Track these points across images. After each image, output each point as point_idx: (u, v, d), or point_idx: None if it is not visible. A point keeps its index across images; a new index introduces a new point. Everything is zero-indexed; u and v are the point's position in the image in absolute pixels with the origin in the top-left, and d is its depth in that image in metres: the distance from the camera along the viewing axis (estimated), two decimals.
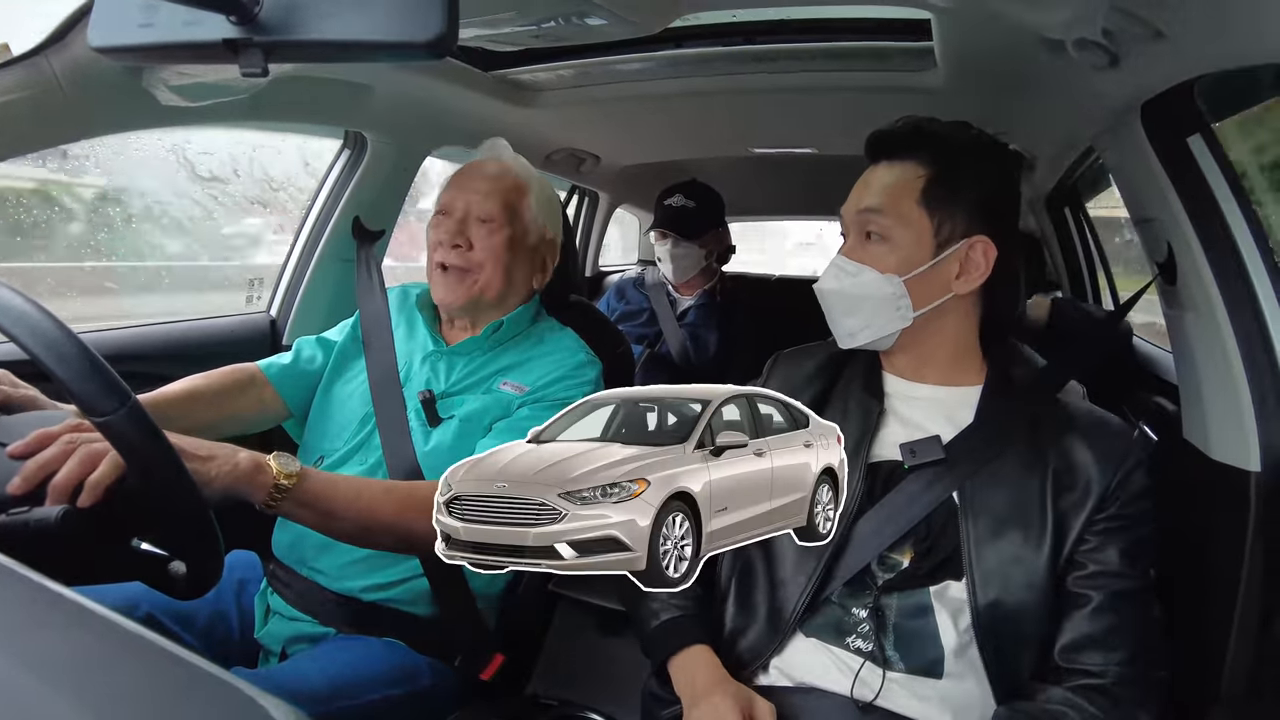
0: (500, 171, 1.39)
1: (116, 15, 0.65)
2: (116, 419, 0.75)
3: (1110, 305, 2.50)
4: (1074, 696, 0.97)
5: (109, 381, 0.74)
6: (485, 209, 1.36)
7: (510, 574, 1.43)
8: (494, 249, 1.35)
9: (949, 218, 1.06)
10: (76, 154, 2.03)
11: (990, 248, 1.06)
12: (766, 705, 0.99)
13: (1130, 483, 1.01)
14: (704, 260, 2.56)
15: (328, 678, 1.17)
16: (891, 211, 1.07)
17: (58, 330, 0.74)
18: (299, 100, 1.57)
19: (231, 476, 0.96)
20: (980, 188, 1.07)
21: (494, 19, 1.18)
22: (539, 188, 1.42)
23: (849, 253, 1.10)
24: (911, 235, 1.06)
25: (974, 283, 1.07)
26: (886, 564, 1.04)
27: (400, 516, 1.13)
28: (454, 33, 0.58)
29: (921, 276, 1.06)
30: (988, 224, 1.07)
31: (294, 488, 1.02)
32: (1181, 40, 0.95)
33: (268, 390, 1.42)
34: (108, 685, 0.42)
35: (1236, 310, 1.09)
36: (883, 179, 1.10)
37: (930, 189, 1.06)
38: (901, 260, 1.06)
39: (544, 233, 1.42)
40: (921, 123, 1.10)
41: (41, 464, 0.82)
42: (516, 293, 1.42)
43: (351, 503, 1.10)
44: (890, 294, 1.06)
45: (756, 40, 1.67)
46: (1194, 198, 1.12)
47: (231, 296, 2.22)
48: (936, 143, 1.08)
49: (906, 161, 1.08)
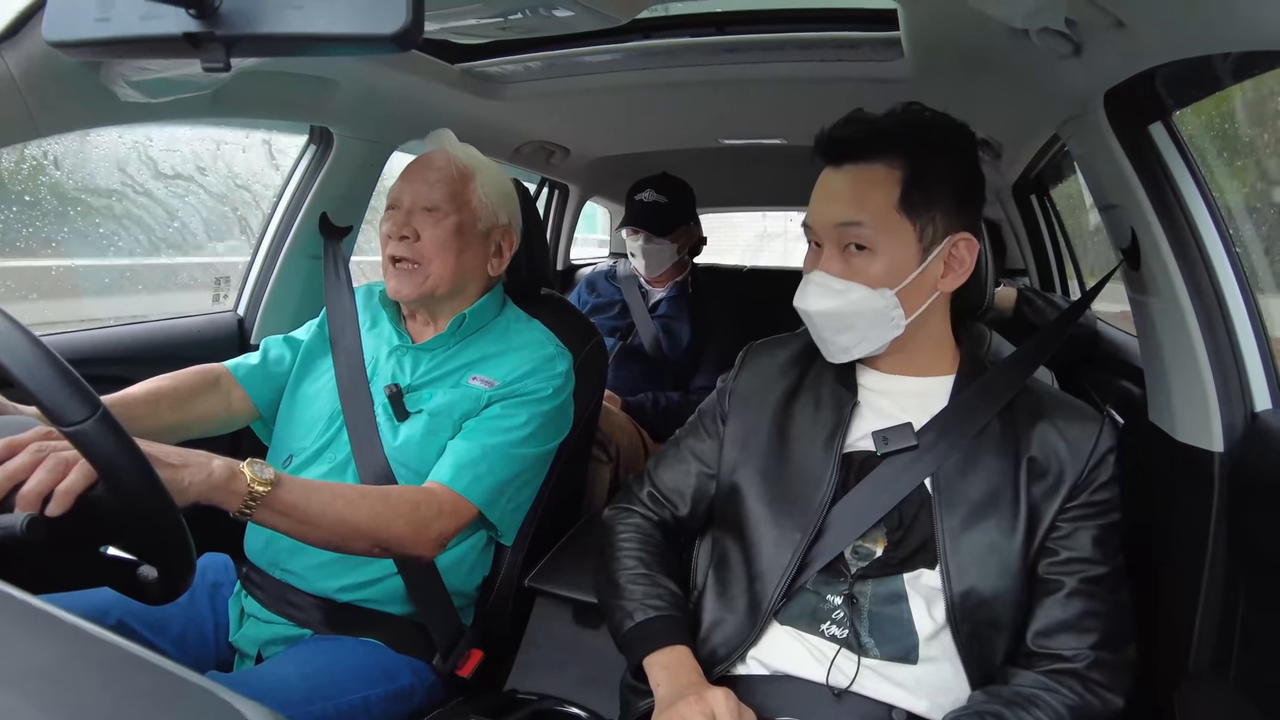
0: (445, 161, 1.39)
1: (73, 9, 0.64)
2: (86, 428, 0.73)
3: (1076, 293, 2.55)
4: (1047, 680, 0.98)
5: (78, 390, 0.72)
6: (430, 199, 1.36)
7: (486, 570, 1.43)
8: (440, 238, 1.35)
9: (930, 220, 1.03)
10: (34, 152, 1.98)
11: (972, 243, 1.06)
12: (734, 710, 0.94)
13: (1101, 471, 1.03)
14: (676, 254, 2.56)
15: (305, 679, 1.16)
16: (874, 223, 1.03)
17: (22, 337, 0.72)
18: (262, 95, 1.55)
19: (206, 484, 0.95)
20: (952, 180, 1.05)
21: (460, 10, 1.17)
22: (486, 174, 1.41)
23: (830, 268, 1.06)
24: (897, 244, 1.03)
25: (960, 280, 1.07)
26: (860, 553, 1.05)
27: (375, 521, 1.13)
28: (419, 25, 0.57)
29: (911, 284, 1.04)
30: (964, 216, 1.06)
31: (268, 495, 1.01)
32: (1142, 29, 0.96)
33: (236, 391, 1.41)
34: (80, 694, 0.42)
35: (1198, 294, 1.11)
36: (855, 187, 1.04)
37: (908, 194, 1.02)
38: (889, 271, 1.03)
39: (496, 218, 1.41)
40: (880, 122, 1.05)
41: (9, 473, 0.80)
42: (473, 281, 1.41)
43: (326, 508, 1.09)
44: (883, 307, 1.04)
45: (725, 30, 1.67)
46: (1156, 184, 1.14)
47: (198, 296, 2.19)
48: (903, 141, 1.04)
49: (874, 165, 1.04)
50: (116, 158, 2.20)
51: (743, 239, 7.90)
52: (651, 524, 1.21)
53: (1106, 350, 1.98)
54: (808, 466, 1.09)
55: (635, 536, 1.19)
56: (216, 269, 2.58)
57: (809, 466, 1.09)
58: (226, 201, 2.64)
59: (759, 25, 1.66)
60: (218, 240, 2.77)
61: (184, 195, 2.57)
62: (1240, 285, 1.12)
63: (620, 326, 2.60)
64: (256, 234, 1.93)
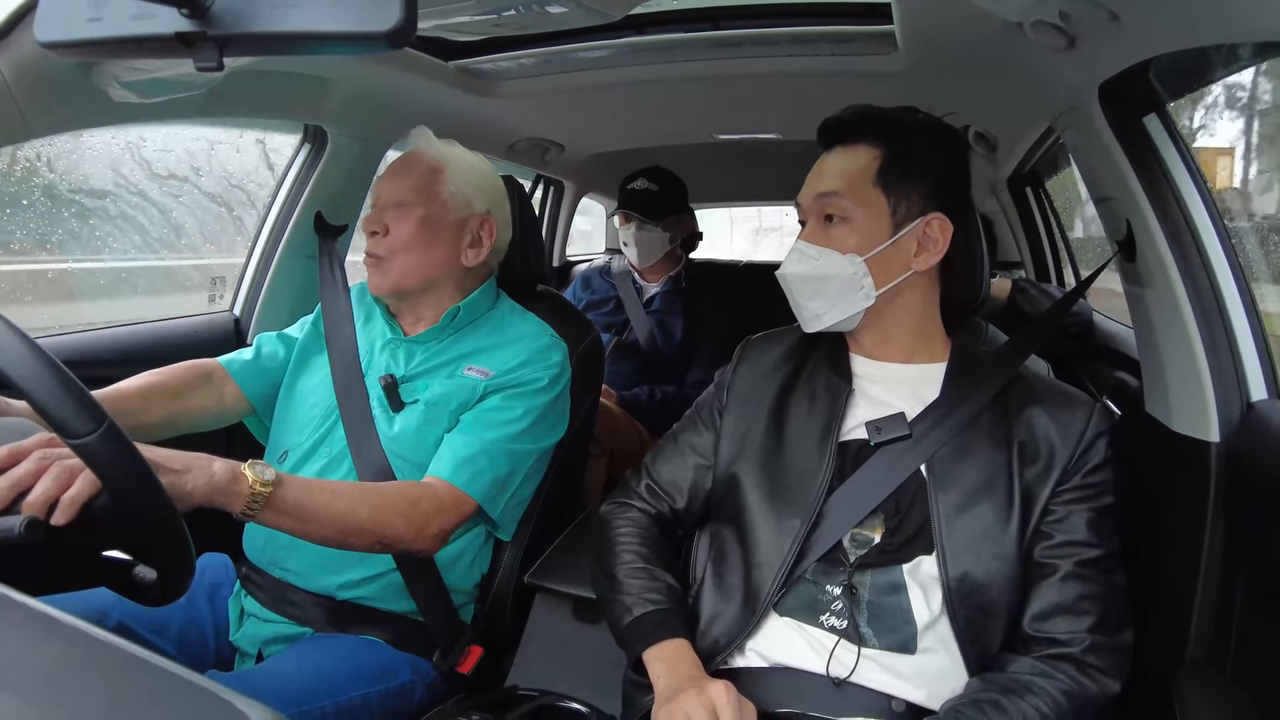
0: (415, 157, 1.41)
1: (65, 9, 0.64)
2: (93, 441, 0.72)
3: (1072, 284, 2.55)
4: (1043, 665, 0.99)
5: (84, 403, 0.72)
6: (399, 194, 1.37)
7: (485, 567, 1.43)
8: (406, 232, 1.36)
9: (904, 197, 1.09)
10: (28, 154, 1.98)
11: (946, 224, 1.10)
12: (735, 702, 0.94)
13: (1092, 454, 1.05)
14: (668, 244, 2.56)
15: (305, 677, 1.16)
16: (849, 193, 1.10)
17: (27, 349, 0.72)
18: (256, 95, 1.54)
19: (208, 488, 0.95)
20: (933, 167, 1.11)
21: (454, 7, 1.16)
22: (458, 165, 1.41)
23: (809, 237, 1.13)
24: (870, 215, 1.09)
25: (933, 259, 1.11)
26: (858, 540, 1.06)
27: (375, 518, 1.13)
28: (413, 22, 0.57)
29: (882, 255, 1.09)
30: (942, 202, 1.10)
31: (271, 495, 1.01)
32: (1136, 22, 0.97)
33: (228, 385, 1.41)
34: (80, 695, 0.42)
35: (1194, 285, 1.12)
36: (838, 164, 1.12)
37: (885, 170, 1.09)
38: (861, 240, 1.09)
39: (469, 207, 1.40)
40: (870, 109, 1.13)
41: (13, 481, 0.80)
42: (448, 273, 1.40)
43: (327, 507, 1.09)
44: (852, 274, 1.09)
45: (719, 26, 1.67)
46: (1151, 176, 1.15)
47: (193, 297, 2.19)
48: (888, 126, 1.11)
49: (859, 145, 1.12)
50: (110, 158, 2.19)
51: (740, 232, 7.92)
52: (649, 517, 1.22)
53: (1102, 341, 1.98)
54: (804, 457, 1.11)
55: (633, 530, 1.19)
56: (211, 269, 2.57)
57: (806, 457, 1.11)
58: (221, 201, 2.63)
59: (753, 20, 1.66)
60: (211, 241, 2.77)
61: (179, 195, 2.56)
62: (1235, 276, 1.13)
63: (615, 322, 2.60)
64: (251, 233, 1.93)
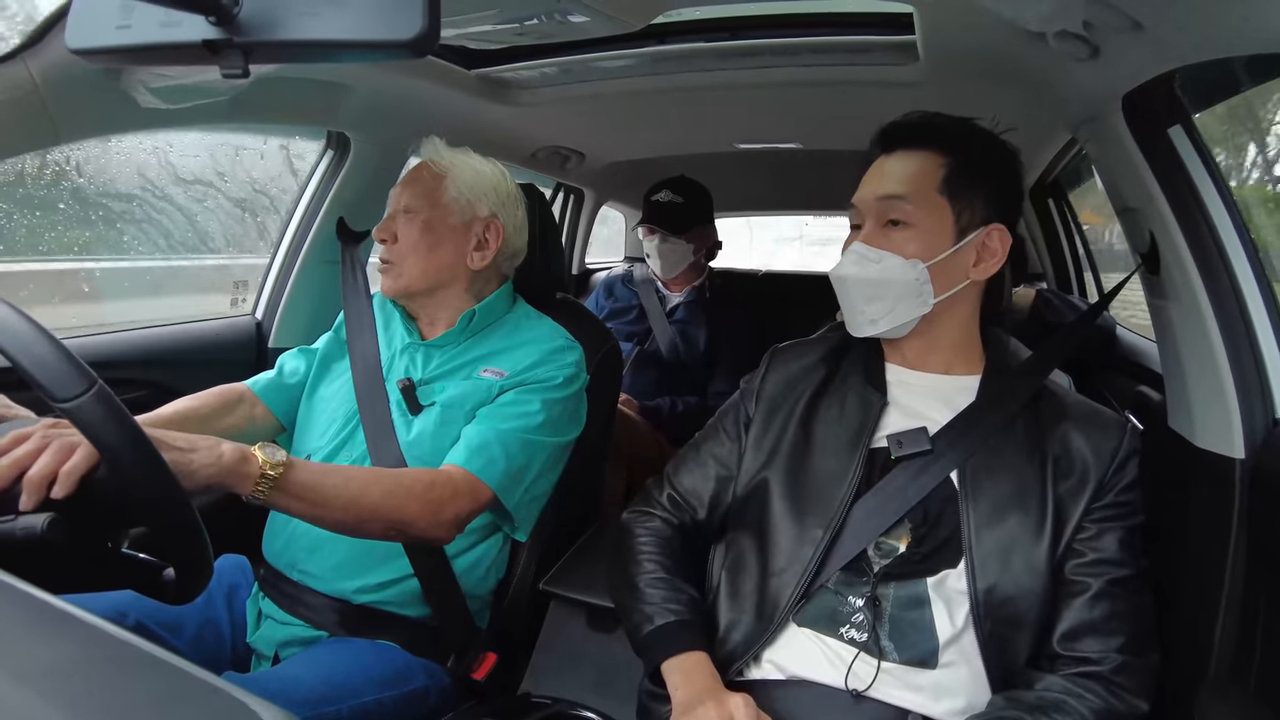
0: (423, 165, 1.44)
1: (94, 17, 0.65)
2: (82, 403, 0.73)
3: (1095, 296, 2.53)
4: (1072, 685, 0.97)
5: (72, 365, 0.73)
6: (405, 202, 1.40)
7: (502, 573, 1.43)
8: (410, 237, 1.39)
9: (968, 206, 1.08)
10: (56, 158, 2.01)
11: (1005, 235, 1.10)
12: (754, 716, 0.94)
13: (1125, 473, 1.04)
14: (692, 255, 2.56)
15: (320, 680, 1.17)
16: (915, 197, 1.08)
17: (15, 316, 0.72)
18: (280, 101, 1.56)
19: (216, 467, 0.95)
20: (995, 178, 1.10)
21: (476, 17, 1.18)
22: (461, 170, 1.42)
23: (869, 239, 1.10)
24: (934, 221, 1.08)
25: (991, 270, 1.10)
26: (883, 549, 1.05)
27: (388, 501, 1.13)
28: (436, 31, 0.57)
29: (943, 263, 1.08)
30: (1002, 213, 1.10)
31: (280, 477, 1.01)
32: (1160, 32, 0.96)
33: (258, 407, 1.43)
34: (98, 693, 0.42)
35: (1219, 299, 1.10)
36: (902, 167, 1.10)
37: (951, 177, 1.08)
38: (925, 246, 1.08)
39: (473, 211, 1.41)
40: (932, 116, 1.12)
41: (15, 460, 0.81)
42: (454, 275, 1.42)
43: (340, 490, 1.09)
44: (914, 279, 1.08)
45: (739, 36, 1.67)
46: (1175, 188, 1.13)
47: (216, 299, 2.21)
48: (951, 134, 1.10)
49: (924, 151, 1.10)
50: (137, 163, 2.22)
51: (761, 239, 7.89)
52: (671, 528, 1.21)
53: (1124, 354, 1.96)
54: (831, 464, 1.10)
55: (654, 540, 1.18)
56: (234, 272, 2.60)
57: (832, 464, 1.10)
58: (246, 206, 2.66)
59: (773, 30, 1.66)
60: (235, 245, 2.79)
61: (203, 200, 2.59)
62: (1262, 290, 1.11)
63: (637, 331, 2.60)
64: (274, 238, 1.95)
